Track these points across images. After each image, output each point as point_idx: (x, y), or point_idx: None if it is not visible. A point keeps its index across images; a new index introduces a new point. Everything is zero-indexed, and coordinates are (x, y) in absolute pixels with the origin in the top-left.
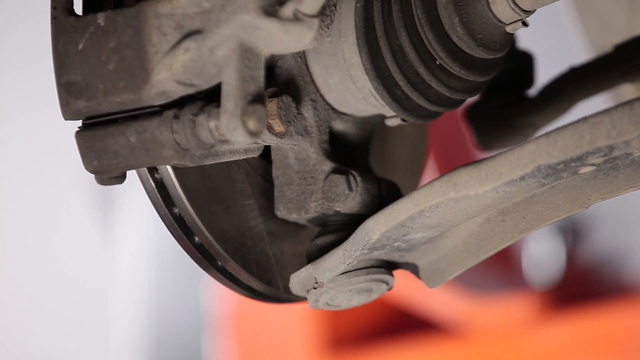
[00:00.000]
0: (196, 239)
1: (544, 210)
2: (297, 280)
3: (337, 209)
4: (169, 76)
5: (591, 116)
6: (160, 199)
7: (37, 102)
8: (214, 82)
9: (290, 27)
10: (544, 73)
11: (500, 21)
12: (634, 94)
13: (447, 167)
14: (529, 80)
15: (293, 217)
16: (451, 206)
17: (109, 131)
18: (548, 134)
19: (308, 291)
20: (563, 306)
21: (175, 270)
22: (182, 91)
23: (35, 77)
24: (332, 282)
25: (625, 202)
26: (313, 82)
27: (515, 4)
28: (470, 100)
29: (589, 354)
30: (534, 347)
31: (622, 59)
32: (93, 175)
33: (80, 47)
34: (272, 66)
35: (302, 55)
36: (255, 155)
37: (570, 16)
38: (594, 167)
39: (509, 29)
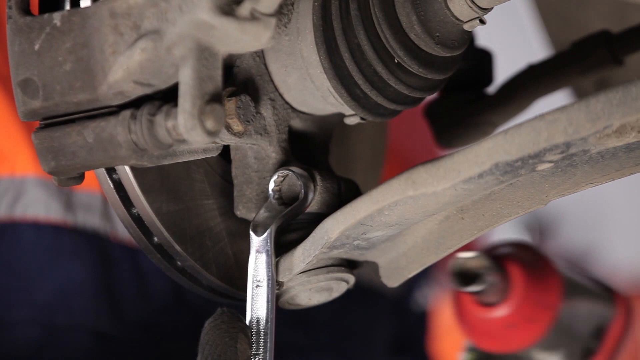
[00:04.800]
0: (155, 239)
1: (503, 207)
2: None
3: None
4: (125, 76)
5: (548, 113)
6: (118, 199)
7: None
8: (171, 82)
9: (247, 26)
10: (503, 70)
11: (457, 19)
12: (591, 91)
13: (407, 166)
14: (488, 77)
15: (253, 216)
16: (410, 204)
17: (66, 132)
18: (505, 131)
19: None
20: None
21: None
22: (139, 91)
23: None
24: (292, 281)
25: (592, 200)
26: (272, 81)
27: (473, 1)
28: (430, 98)
29: None
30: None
31: (580, 56)
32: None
33: (36, 47)
34: (230, 65)
35: (260, 55)
36: (214, 155)
37: (529, 13)
38: (551, 164)
39: (466, 26)
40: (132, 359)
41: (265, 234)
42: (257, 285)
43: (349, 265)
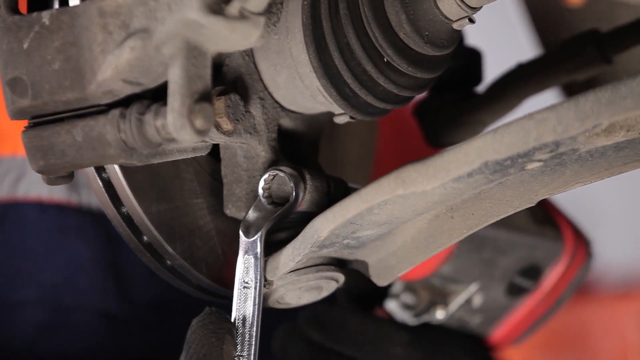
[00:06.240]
0: (145, 238)
1: (492, 206)
2: None
3: None
4: (114, 75)
5: (537, 112)
6: (108, 198)
7: None
8: (160, 81)
9: (236, 25)
10: (492, 69)
11: (447, 18)
12: (580, 90)
13: (396, 165)
14: (477, 76)
15: (242, 215)
16: (399, 203)
17: (55, 130)
18: (495, 130)
19: None
20: None
21: None
22: (128, 90)
23: None
24: (281, 280)
25: (584, 199)
26: (261, 80)
27: (462, 0)
28: (420, 97)
29: (543, 348)
30: None
31: (570, 55)
32: None
33: (25, 46)
34: (219, 64)
35: (249, 54)
36: (203, 154)
37: (518, 12)
38: (541, 163)
39: (455, 25)
40: (140, 338)
41: (256, 236)
42: (245, 287)
43: (339, 264)
